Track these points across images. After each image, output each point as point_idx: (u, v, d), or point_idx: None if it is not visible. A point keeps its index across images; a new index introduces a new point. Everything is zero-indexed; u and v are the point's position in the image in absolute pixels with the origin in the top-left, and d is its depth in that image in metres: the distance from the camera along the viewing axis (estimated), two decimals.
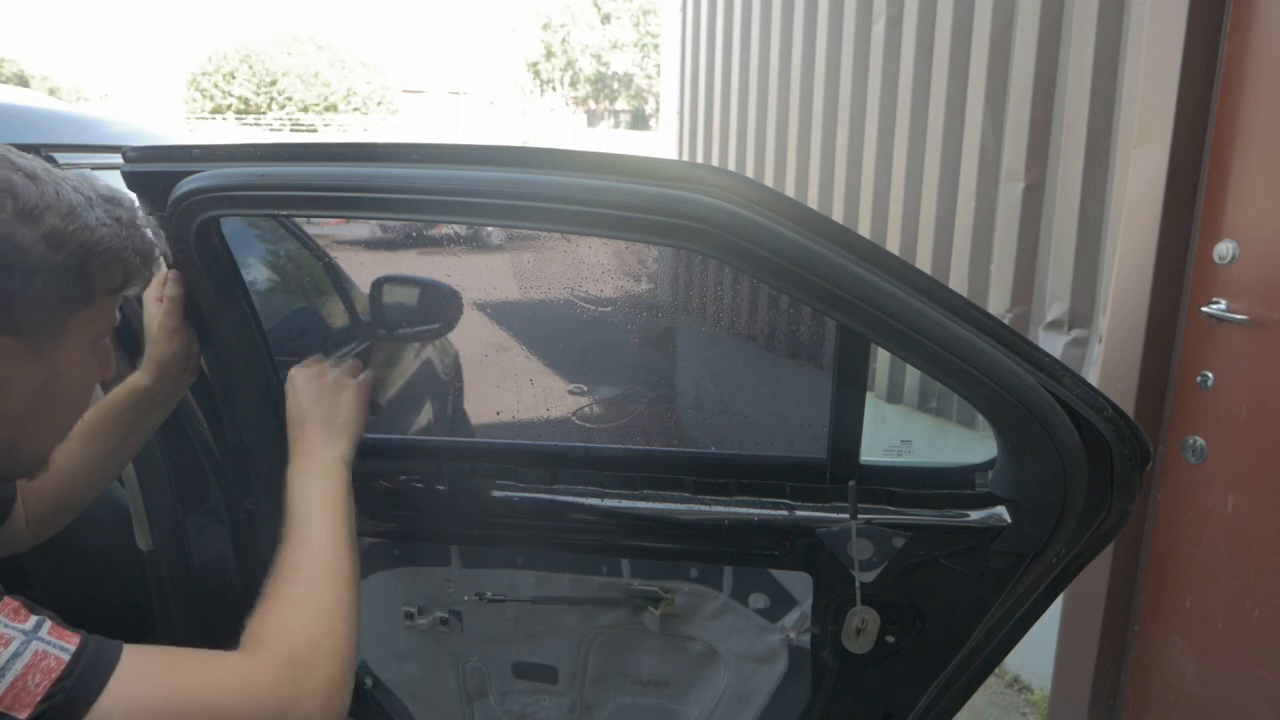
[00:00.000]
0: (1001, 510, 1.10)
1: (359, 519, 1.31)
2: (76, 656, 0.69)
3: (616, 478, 1.23)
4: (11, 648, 0.66)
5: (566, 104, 30.01)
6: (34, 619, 0.70)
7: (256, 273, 2.26)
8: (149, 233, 0.86)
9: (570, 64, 30.22)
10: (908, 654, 1.18)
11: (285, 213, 1.70)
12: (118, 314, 0.90)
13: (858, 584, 1.13)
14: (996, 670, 1.53)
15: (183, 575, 1.34)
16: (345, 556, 0.95)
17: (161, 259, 0.93)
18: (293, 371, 1.13)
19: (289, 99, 27.27)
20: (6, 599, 0.70)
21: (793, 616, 1.24)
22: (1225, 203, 1.90)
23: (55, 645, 0.69)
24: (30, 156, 0.79)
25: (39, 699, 0.65)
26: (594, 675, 1.34)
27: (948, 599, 1.14)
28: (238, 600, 1.36)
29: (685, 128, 4.88)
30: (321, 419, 1.07)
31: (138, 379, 1.13)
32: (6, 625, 0.68)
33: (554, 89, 30.04)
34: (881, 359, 2.90)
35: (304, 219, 2.35)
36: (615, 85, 31.45)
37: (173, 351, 1.13)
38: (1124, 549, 2.15)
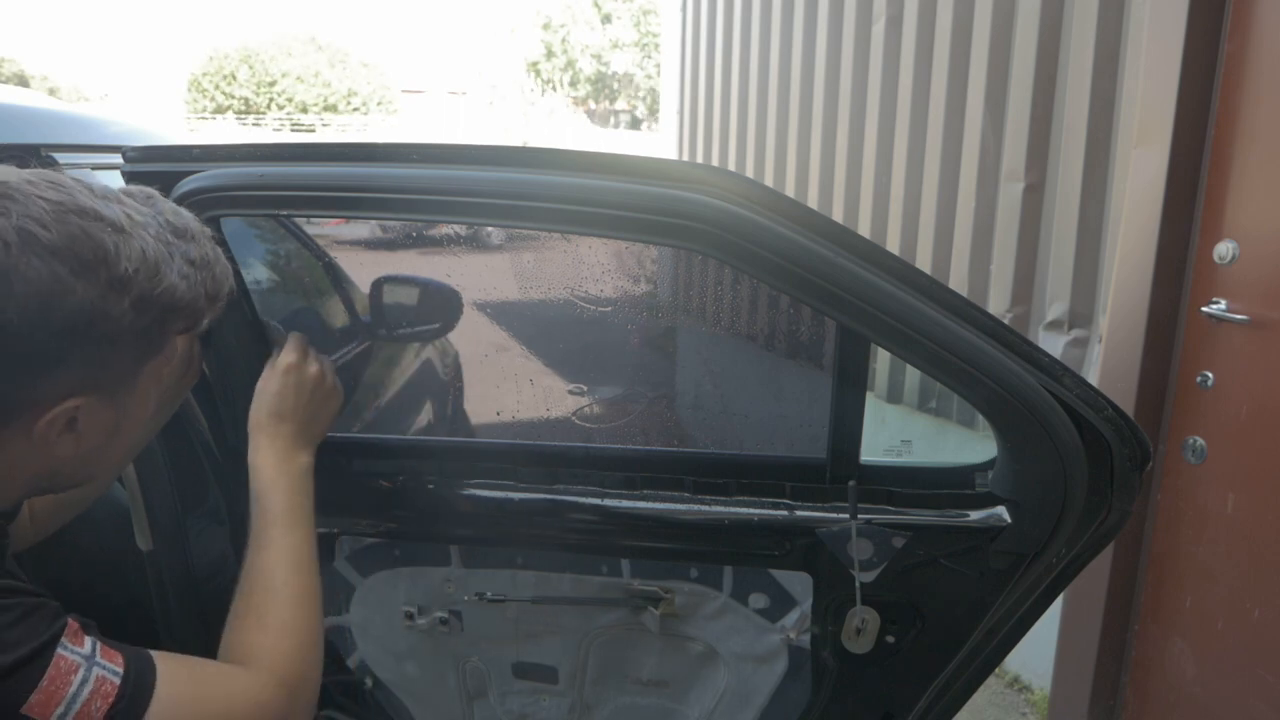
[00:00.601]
0: (1001, 510, 1.10)
1: (359, 519, 1.31)
2: (125, 678, 0.73)
3: (616, 478, 1.23)
4: (79, 675, 0.70)
5: (567, 104, 30.02)
6: (89, 641, 0.74)
7: (256, 273, 2.26)
8: (218, 271, 0.83)
9: (570, 64, 30.22)
10: (908, 654, 1.18)
11: (285, 213, 1.69)
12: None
13: (858, 584, 1.13)
14: (996, 670, 1.53)
15: (183, 575, 1.33)
16: (314, 565, 0.98)
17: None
18: (280, 362, 1.08)
19: (289, 99, 27.28)
20: (70, 620, 0.74)
21: (793, 616, 1.24)
22: (1225, 203, 1.90)
23: (108, 669, 0.73)
24: (111, 198, 0.76)
25: None
26: (594, 675, 1.34)
27: (948, 599, 1.14)
28: None
29: (685, 128, 4.88)
30: (303, 422, 1.05)
31: None
32: (71, 650, 0.71)
33: (554, 89, 30.04)
34: (881, 359, 2.90)
35: (304, 219, 2.35)
36: (615, 85, 31.45)
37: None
38: (1124, 549, 2.15)
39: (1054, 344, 2.46)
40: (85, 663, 0.71)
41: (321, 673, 0.93)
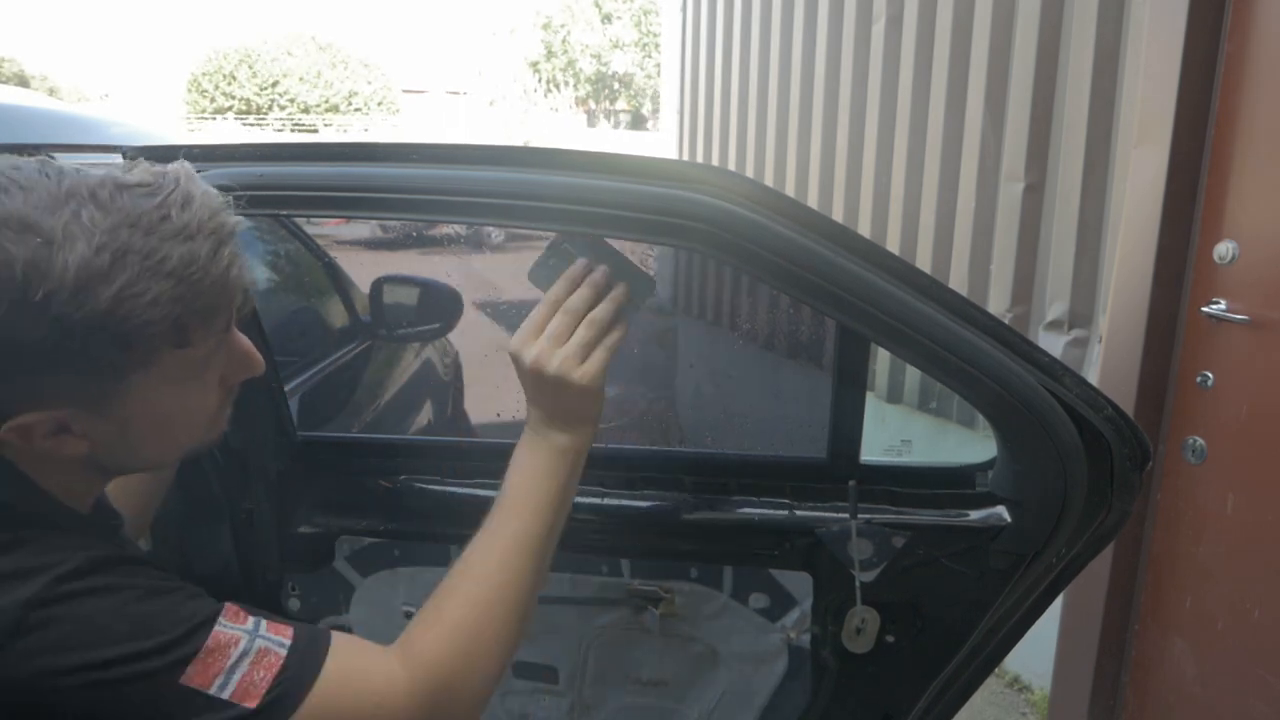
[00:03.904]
0: (1001, 510, 1.10)
1: (359, 519, 1.31)
2: (293, 649, 0.74)
3: (616, 477, 1.23)
4: (239, 647, 0.72)
5: (569, 104, 30.02)
6: (252, 619, 0.75)
7: (256, 273, 2.26)
8: (215, 278, 0.73)
9: (570, 64, 30.22)
10: (908, 654, 1.18)
11: (285, 213, 1.69)
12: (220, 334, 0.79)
13: (857, 584, 1.13)
14: (996, 670, 1.53)
15: (183, 575, 1.33)
16: (529, 565, 0.88)
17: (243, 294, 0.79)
18: (536, 348, 0.91)
19: (290, 99, 27.28)
20: (227, 605, 0.75)
21: (793, 616, 1.24)
22: (1225, 203, 1.90)
23: (273, 641, 0.74)
24: (76, 195, 0.68)
25: (264, 690, 0.71)
26: (594, 675, 1.34)
27: (948, 599, 1.14)
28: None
29: (685, 128, 4.88)
30: (561, 413, 0.93)
31: None
32: (231, 627, 0.73)
33: (555, 89, 30.05)
34: (881, 359, 2.90)
35: (304, 219, 2.35)
36: (615, 85, 31.45)
37: None
38: (1124, 549, 2.15)
39: (1054, 344, 2.46)
40: (247, 636, 0.73)
41: (493, 684, 0.85)
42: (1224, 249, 1.89)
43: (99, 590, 0.70)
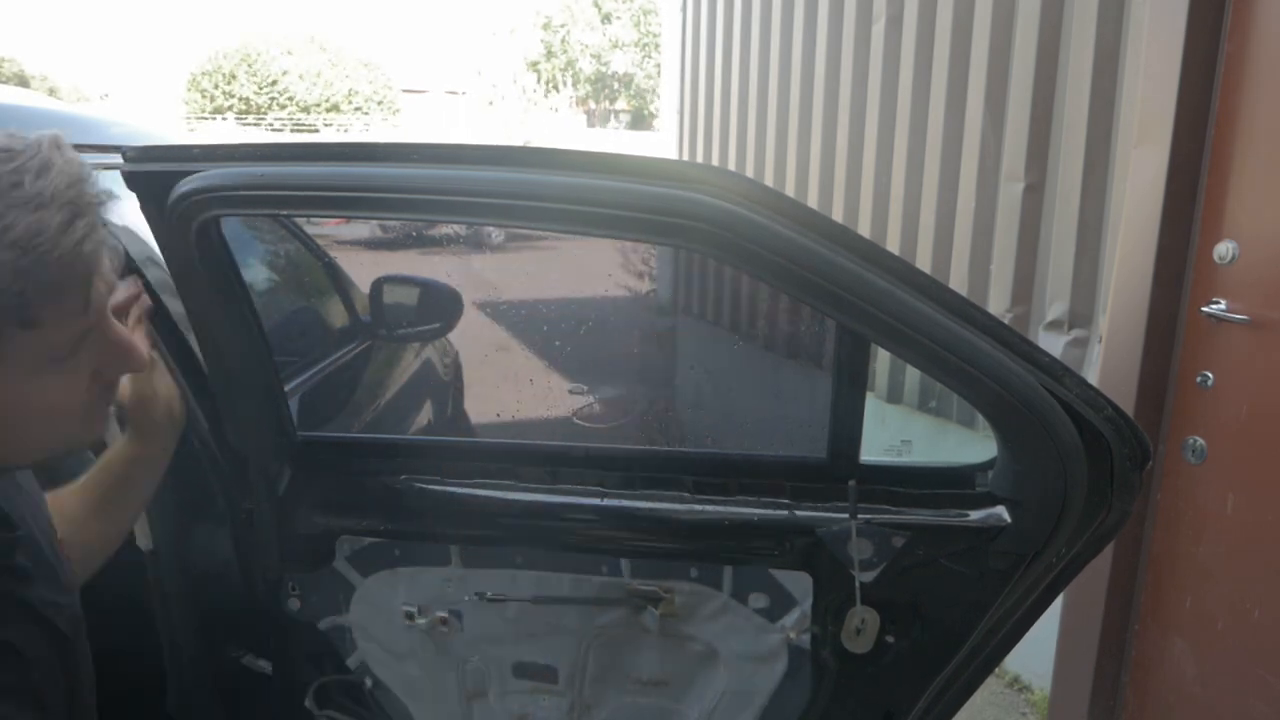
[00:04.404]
0: (1001, 510, 1.10)
1: (359, 519, 1.31)
2: None
3: (616, 477, 1.23)
4: None
5: (569, 104, 30.02)
6: None
7: (256, 273, 2.26)
8: (65, 251, 0.67)
9: (570, 64, 30.22)
10: (908, 654, 1.18)
11: (285, 213, 1.70)
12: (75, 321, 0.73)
13: (857, 584, 1.13)
14: (996, 670, 1.53)
15: (182, 575, 1.34)
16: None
17: (109, 267, 0.74)
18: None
19: (290, 99, 27.28)
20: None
21: (792, 616, 1.24)
22: (1225, 203, 1.90)
23: None
24: None
25: None
26: (594, 675, 1.34)
27: (947, 599, 1.14)
28: (238, 601, 1.36)
29: (685, 128, 4.88)
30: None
31: (125, 449, 1.06)
32: None
33: (555, 89, 30.04)
34: (881, 359, 2.90)
35: (304, 219, 2.35)
36: (615, 85, 31.44)
37: (156, 411, 1.05)
38: (1124, 549, 2.15)
39: (1054, 344, 2.46)
40: None
41: None
42: (1224, 249, 1.89)
43: None
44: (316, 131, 26.55)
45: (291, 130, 26.15)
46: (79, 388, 0.76)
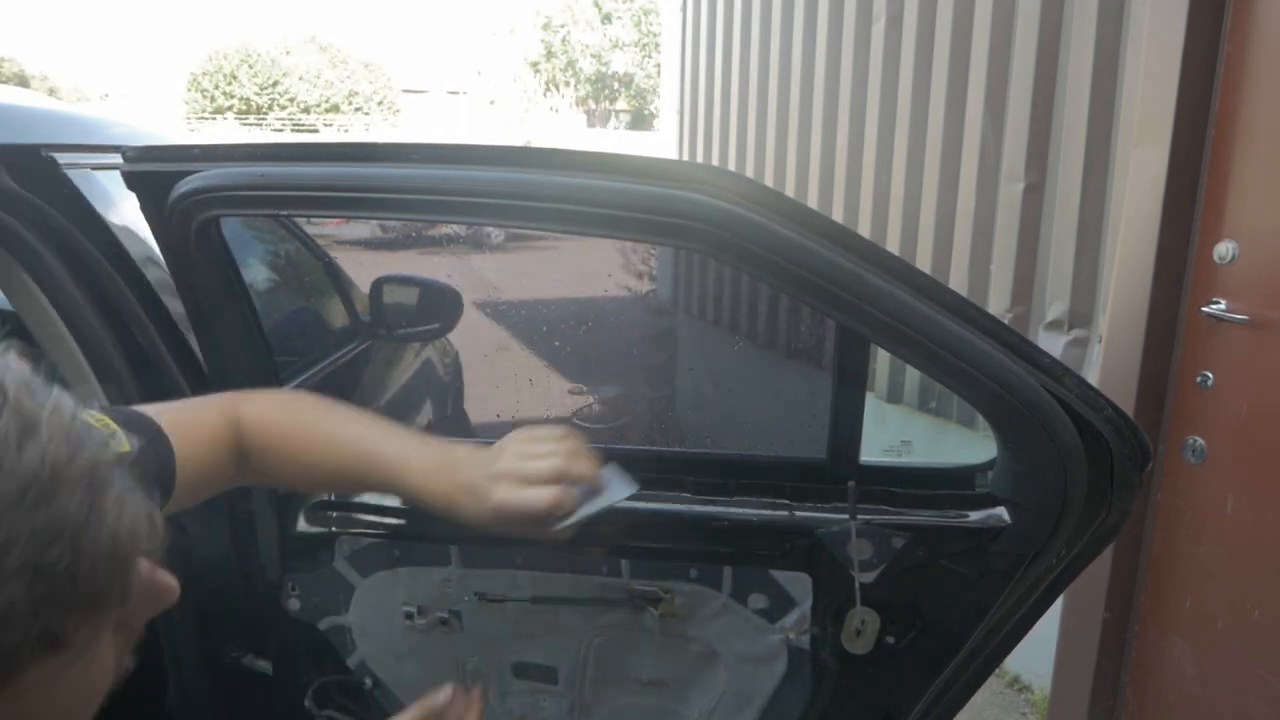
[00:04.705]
0: (1001, 510, 1.10)
1: (359, 519, 1.31)
2: None
3: None
4: None
5: (569, 104, 30.03)
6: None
7: (256, 273, 2.26)
8: (98, 557, 0.44)
9: (570, 64, 30.23)
10: (908, 655, 1.18)
11: (285, 213, 1.70)
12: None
13: (857, 584, 1.13)
14: (996, 670, 1.53)
15: (182, 575, 1.33)
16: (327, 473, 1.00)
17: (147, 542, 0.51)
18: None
19: (290, 99, 27.29)
20: None
21: (792, 617, 1.24)
22: (1225, 203, 1.90)
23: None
24: None
25: None
26: (594, 675, 1.34)
27: (948, 599, 1.14)
28: (238, 601, 1.36)
29: (685, 128, 4.88)
30: (488, 500, 0.96)
31: None
32: None
33: (555, 89, 30.05)
34: (881, 359, 2.90)
35: (304, 219, 2.35)
36: (615, 85, 31.45)
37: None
38: (1124, 549, 2.15)
39: (1054, 344, 2.46)
40: None
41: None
42: (1224, 249, 1.89)
43: None
44: (316, 132, 26.56)
45: (292, 131, 26.16)
46: (106, 660, 0.54)
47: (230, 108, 27.03)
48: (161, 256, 1.12)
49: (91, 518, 0.44)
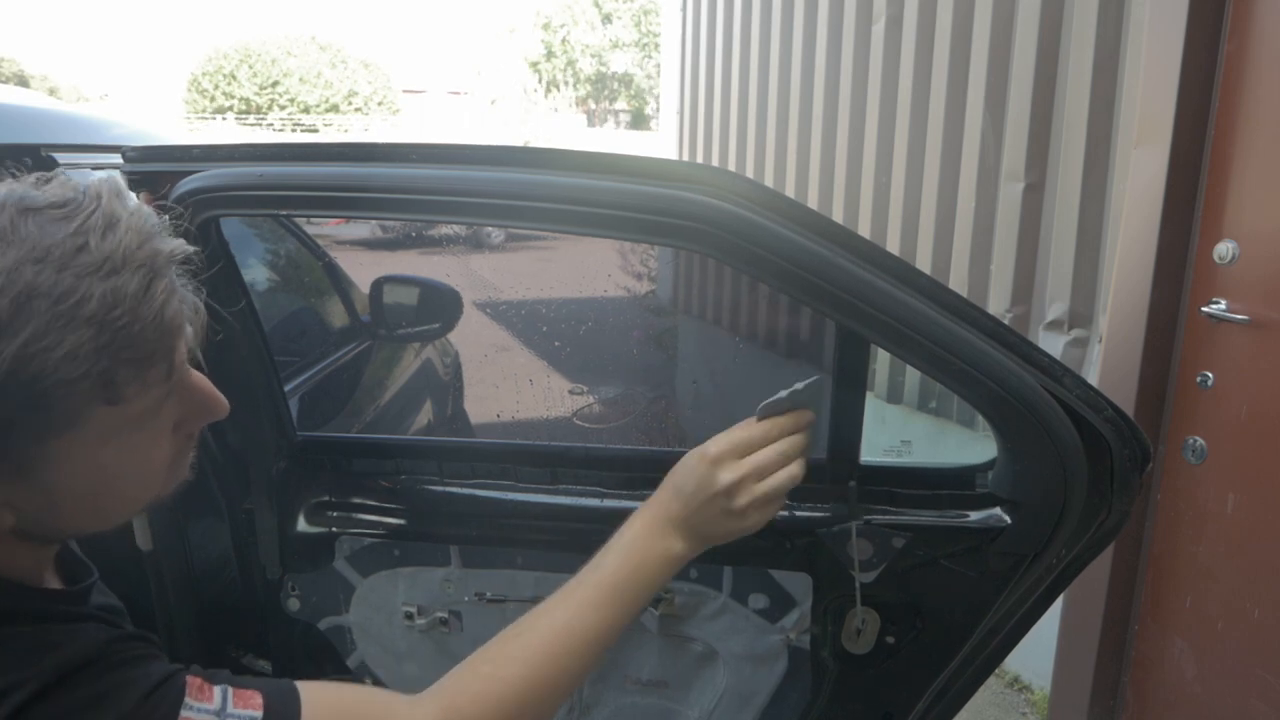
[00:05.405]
0: (1001, 511, 1.10)
1: (359, 519, 1.31)
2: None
3: (616, 478, 1.23)
4: None
5: (569, 104, 30.04)
6: (217, 692, 0.66)
7: (256, 273, 2.27)
8: (147, 319, 0.61)
9: (570, 64, 30.24)
10: (908, 654, 1.18)
11: (285, 213, 1.70)
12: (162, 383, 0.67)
13: (857, 584, 1.13)
14: (996, 670, 1.53)
15: (183, 575, 1.33)
16: (590, 658, 0.82)
17: (187, 337, 0.69)
18: (714, 450, 0.91)
19: (290, 99, 27.30)
20: (190, 677, 0.66)
21: (792, 617, 1.24)
22: (1225, 203, 1.90)
23: (244, 716, 0.66)
24: None
25: None
26: (594, 675, 1.34)
27: (948, 599, 1.14)
28: (238, 601, 1.36)
29: (685, 128, 4.88)
30: (692, 515, 0.88)
31: None
32: (198, 709, 0.64)
33: (555, 89, 30.06)
34: (881, 359, 2.90)
35: (304, 219, 2.35)
36: (615, 85, 31.46)
37: None
38: (1124, 549, 2.15)
39: (1054, 344, 2.46)
40: (214, 718, 0.65)
41: None
42: (1224, 249, 1.89)
43: (65, 711, 0.61)
44: (316, 132, 26.57)
45: (292, 131, 26.17)
46: (162, 447, 0.71)
47: (230, 108, 27.04)
48: None
49: (147, 294, 0.60)
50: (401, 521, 1.30)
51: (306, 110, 27.37)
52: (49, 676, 0.60)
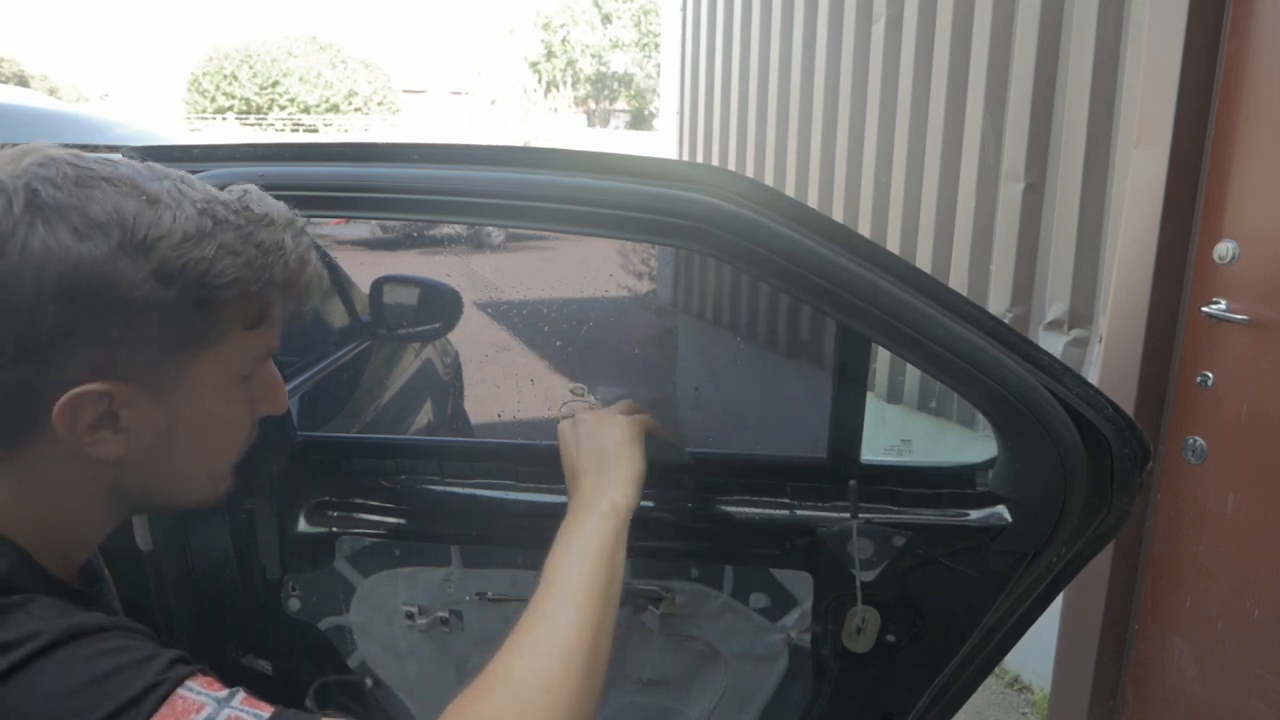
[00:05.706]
0: (1001, 510, 1.10)
1: (359, 519, 1.31)
2: None
3: None
4: (204, 714, 0.63)
5: (569, 104, 30.04)
6: (228, 690, 0.66)
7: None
8: (297, 258, 0.75)
9: (570, 64, 30.24)
10: (908, 653, 1.18)
11: None
12: (275, 343, 0.79)
13: (858, 583, 1.13)
14: (996, 670, 1.53)
15: (183, 575, 1.34)
16: (587, 627, 0.83)
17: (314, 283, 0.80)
18: (561, 425, 1.02)
19: (290, 99, 27.30)
20: (198, 674, 0.66)
21: (793, 616, 1.24)
22: (1225, 203, 1.91)
23: (248, 713, 0.64)
24: (169, 176, 0.72)
25: None
26: None
27: (948, 598, 1.14)
28: (238, 601, 1.36)
29: (685, 128, 4.88)
30: (591, 468, 0.96)
31: None
32: (199, 692, 0.64)
33: (555, 89, 30.06)
34: (881, 359, 2.90)
35: (304, 219, 2.34)
36: (615, 85, 31.46)
37: None
38: (1124, 549, 2.15)
39: (1054, 344, 2.46)
40: (215, 704, 0.63)
41: None
42: (1224, 249, 1.89)
43: (68, 663, 0.62)
44: (317, 132, 26.57)
45: (292, 131, 26.17)
46: (244, 413, 0.80)
47: (230, 108, 27.04)
48: None
49: (297, 241, 0.76)
50: (402, 521, 1.30)
51: (307, 110, 27.36)
52: (59, 635, 0.63)
